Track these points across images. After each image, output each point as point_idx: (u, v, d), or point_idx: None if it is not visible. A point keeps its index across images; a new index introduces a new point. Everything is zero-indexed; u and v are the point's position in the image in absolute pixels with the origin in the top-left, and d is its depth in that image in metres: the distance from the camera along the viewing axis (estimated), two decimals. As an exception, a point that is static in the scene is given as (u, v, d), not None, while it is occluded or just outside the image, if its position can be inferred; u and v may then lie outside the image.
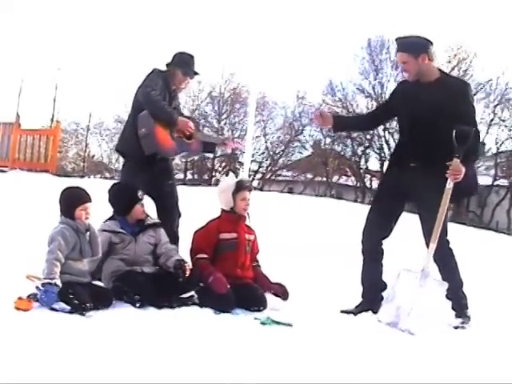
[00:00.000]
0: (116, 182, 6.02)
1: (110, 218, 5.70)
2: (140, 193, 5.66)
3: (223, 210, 5.86)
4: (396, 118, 6.26)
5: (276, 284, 5.81)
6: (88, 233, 4.99)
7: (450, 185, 5.39)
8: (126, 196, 5.67)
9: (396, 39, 5.76)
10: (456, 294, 5.62)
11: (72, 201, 5.00)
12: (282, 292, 5.73)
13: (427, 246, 5.58)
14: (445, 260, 5.62)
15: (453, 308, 5.65)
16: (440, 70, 5.88)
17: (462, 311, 5.63)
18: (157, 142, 6.26)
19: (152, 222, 5.77)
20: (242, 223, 5.87)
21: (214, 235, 5.72)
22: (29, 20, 51.72)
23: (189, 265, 5.43)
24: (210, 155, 32.13)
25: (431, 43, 5.73)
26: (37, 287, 4.62)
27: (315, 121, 6.20)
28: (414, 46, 5.68)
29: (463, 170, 5.37)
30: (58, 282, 4.63)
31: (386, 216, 5.83)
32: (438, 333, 5.11)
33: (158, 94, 6.22)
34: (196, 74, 6.61)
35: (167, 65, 6.47)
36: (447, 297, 5.62)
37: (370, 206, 6.10)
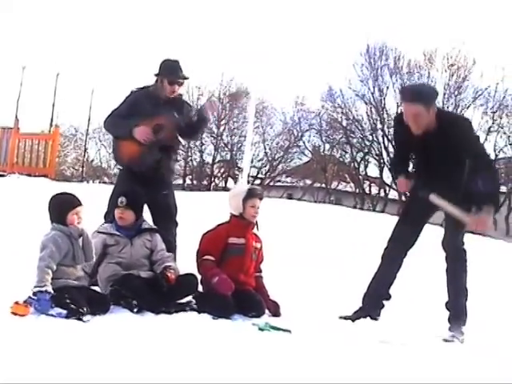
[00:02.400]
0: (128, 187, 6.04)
1: (108, 222, 5.70)
2: (121, 199, 5.62)
3: (232, 215, 5.85)
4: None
5: (272, 301, 5.77)
6: (81, 238, 4.97)
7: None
8: (113, 200, 5.70)
9: (405, 88, 5.53)
10: (456, 305, 5.55)
11: (63, 206, 4.97)
12: (274, 311, 5.69)
13: (443, 248, 5.68)
14: (454, 260, 5.63)
15: (448, 320, 5.58)
16: (438, 109, 5.62)
17: (457, 326, 5.51)
18: (121, 155, 6.34)
19: (149, 226, 5.75)
20: (251, 230, 5.85)
21: (223, 239, 5.70)
22: (28, 24, 51.77)
23: (174, 271, 5.42)
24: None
25: (437, 93, 5.67)
26: (29, 297, 4.58)
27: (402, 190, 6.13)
28: (428, 97, 5.48)
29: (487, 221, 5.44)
30: (50, 289, 4.59)
31: (413, 226, 5.79)
32: (432, 343, 5.12)
33: (115, 114, 6.35)
34: (184, 79, 6.47)
35: (155, 74, 6.38)
36: (446, 307, 5.59)
37: (370, 213, 6.08)
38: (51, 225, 4.95)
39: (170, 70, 6.34)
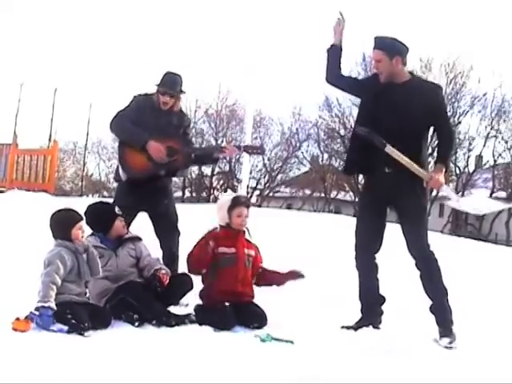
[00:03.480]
0: (92, 202, 5.99)
1: (91, 235, 5.71)
2: (117, 209, 5.66)
3: (221, 226, 5.81)
4: (357, 115, 6.15)
5: (288, 273, 5.86)
6: (86, 253, 4.97)
7: None
8: (104, 214, 5.69)
9: (374, 37, 5.69)
10: (440, 306, 5.50)
11: (67, 222, 4.97)
12: (295, 276, 5.80)
13: (411, 254, 5.57)
14: (426, 264, 5.55)
15: (437, 323, 5.53)
16: (412, 73, 5.85)
17: (448, 328, 5.45)
18: (128, 166, 6.33)
19: (131, 235, 5.76)
20: (241, 238, 5.80)
21: (211, 244, 5.64)
22: (26, 40, 51.91)
23: (165, 272, 5.45)
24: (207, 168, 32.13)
25: (407, 49, 5.72)
26: (31, 312, 4.57)
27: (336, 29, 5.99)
28: (391, 47, 5.64)
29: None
30: (53, 305, 4.59)
31: (373, 231, 5.78)
32: (432, 351, 5.10)
33: (124, 116, 6.33)
34: (177, 92, 6.44)
35: (156, 85, 6.44)
36: (431, 311, 5.57)
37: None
38: (55, 241, 4.95)
39: (164, 82, 6.38)
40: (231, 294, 5.48)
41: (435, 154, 5.87)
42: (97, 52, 54.78)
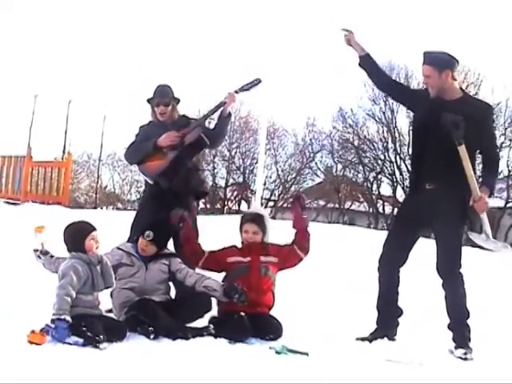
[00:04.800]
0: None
1: (129, 241, 5.74)
2: (147, 233, 5.56)
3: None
4: (411, 132, 6.18)
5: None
6: (100, 265, 4.98)
7: None
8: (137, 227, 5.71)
9: (423, 52, 5.66)
10: (459, 326, 5.47)
11: (79, 234, 4.98)
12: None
13: (438, 272, 5.53)
14: (452, 286, 5.50)
15: (453, 339, 5.49)
16: (462, 89, 5.82)
17: (464, 342, 5.41)
18: (149, 172, 6.36)
19: (166, 252, 5.74)
20: (256, 248, 5.82)
21: (222, 254, 5.85)
22: (40, 53, 52.13)
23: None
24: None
25: (457, 61, 5.69)
26: (47, 324, 4.58)
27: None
28: (440, 61, 5.59)
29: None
30: (68, 318, 4.59)
31: (402, 245, 5.75)
32: (446, 363, 5.07)
33: (135, 144, 6.47)
34: (169, 99, 6.45)
35: (147, 101, 6.52)
36: (449, 328, 5.53)
37: (384, 233, 6.04)
38: (69, 254, 4.96)
39: (154, 94, 6.44)
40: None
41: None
42: (111, 64, 54.90)
